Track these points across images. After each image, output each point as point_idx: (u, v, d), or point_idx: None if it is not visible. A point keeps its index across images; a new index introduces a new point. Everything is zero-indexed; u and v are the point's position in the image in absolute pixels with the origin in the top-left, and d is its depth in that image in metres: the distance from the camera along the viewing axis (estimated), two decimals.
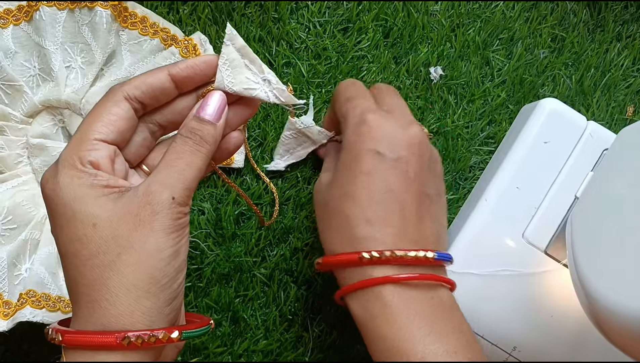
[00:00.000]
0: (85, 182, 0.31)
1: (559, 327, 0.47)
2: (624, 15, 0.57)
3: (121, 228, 0.30)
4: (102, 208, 0.30)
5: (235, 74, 0.35)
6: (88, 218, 0.30)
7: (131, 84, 0.33)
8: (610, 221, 0.38)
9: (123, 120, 0.33)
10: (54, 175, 0.31)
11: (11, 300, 0.45)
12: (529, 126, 0.49)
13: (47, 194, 0.31)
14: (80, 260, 0.30)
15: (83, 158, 0.31)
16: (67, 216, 0.30)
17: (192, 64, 0.34)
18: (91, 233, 0.30)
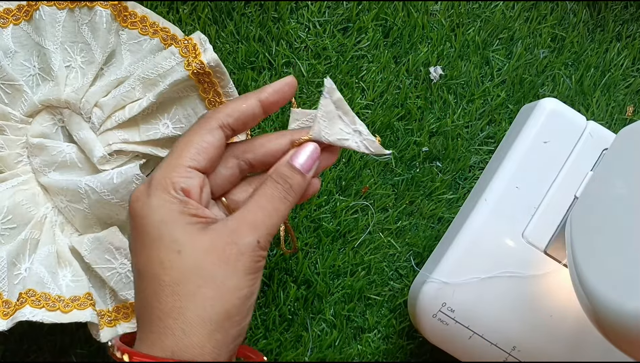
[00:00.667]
0: (176, 208, 0.32)
1: (558, 327, 0.47)
2: (624, 15, 0.57)
3: (206, 260, 0.31)
4: (189, 237, 0.31)
5: (330, 125, 0.36)
6: (174, 244, 0.31)
7: (224, 112, 0.35)
8: (610, 221, 0.38)
9: (215, 148, 0.34)
10: (147, 195, 0.32)
11: (11, 300, 0.45)
12: (529, 125, 0.49)
13: (136, 211, 0.32)
14: (160, 285, 0.31)
15: (176, 184, 0.32)
16: (153, 237, 0.31)
17: (279, 89, 0.36)
18: (175, 260, 0.31)
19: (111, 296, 0.49)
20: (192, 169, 0.33)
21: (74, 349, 0.50)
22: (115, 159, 0.49)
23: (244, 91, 0.53)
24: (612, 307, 0.34)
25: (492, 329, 0.47)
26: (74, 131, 0.49)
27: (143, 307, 0.31)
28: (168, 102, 0.49)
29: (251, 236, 0.32)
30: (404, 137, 0.53)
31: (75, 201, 0.48)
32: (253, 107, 0.35)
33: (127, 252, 0.48)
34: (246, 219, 0.32)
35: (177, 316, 0.30)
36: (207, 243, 0.31)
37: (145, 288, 0.31)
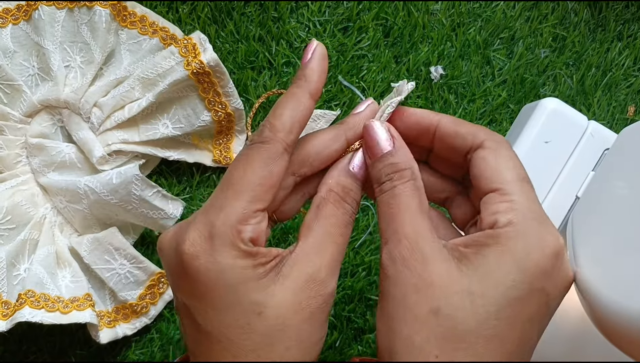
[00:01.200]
0: (249, 264, 0.27)
1: (558, 327, 0.47)
2: (625, 15, 0.56)
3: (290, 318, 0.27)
4: (267, 293, 0.27)
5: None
6: (253, 306, 0.27)
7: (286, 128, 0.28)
8: (612, 221, 0.38)
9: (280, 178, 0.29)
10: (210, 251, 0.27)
11: (10, 300, 0.45)
12: (530, 125, 0.49)
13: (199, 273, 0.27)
14: (242, 349, 0.27)
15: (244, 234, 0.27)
16: (228, 301, 0.27)
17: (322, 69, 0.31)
18: (256, 322, 0.27)
19: (111, 297, 0.49)
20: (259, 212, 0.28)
21: (73, 350, 0.50)
22: (115, 160, 0.49)
23: (244, 91, 0.52)
24: (613, 307, 0.34)
25: None
26: (73, 131, 0.49)
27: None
28: (167, 102, 0.49)
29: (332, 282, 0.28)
30: None
31: (74, 202, 0.48)
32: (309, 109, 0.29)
33: (126, 253, 0.48)
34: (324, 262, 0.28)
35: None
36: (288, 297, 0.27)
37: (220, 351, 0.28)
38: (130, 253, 0.48)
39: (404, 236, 0.27)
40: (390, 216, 0.28)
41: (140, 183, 0.47)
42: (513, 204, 0.28)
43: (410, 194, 0.29)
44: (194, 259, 0.27)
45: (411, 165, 0.29)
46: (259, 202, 0.28)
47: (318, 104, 0.53)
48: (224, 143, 0.52)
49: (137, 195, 0.47)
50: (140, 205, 0.47)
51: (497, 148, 0.30)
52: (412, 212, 0.28)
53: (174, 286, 0.29)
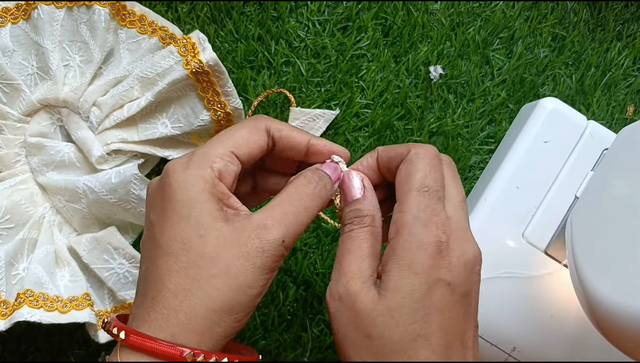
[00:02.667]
0: (208, 189, 0.31)
1: (558, 327, 0.47)
2: (625, 15, 0.56)
3: (225, 251, 0.30)
4: (214, 223, 0.30)
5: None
6: (199, 226, 0.30)
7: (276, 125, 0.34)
8: (611, 221, 0.38)
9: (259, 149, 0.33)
10: (184, 168, 0.31)
11: (9, 300, 0.45)
12: (529, 125, 0.49)
13: (169, 183, 0.31)
14: (176, 263, 0.30)
15: (215, 164, 0.31)
16: (181, 214, 0.30)
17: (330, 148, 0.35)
18: (196, 242, 0.30)
19: (109, 296, 0.49)
20: (233, 156, 0.32)
21: (72, 350, 0.50)
22: (114, 159, 0.49)
23: (243, 90, 0.52)
24: (612, 308, 0.34)
25: (492, 329, 0.47)
26: (72, 131, 0.49)
27: (151, 282, 0.31)
28: (167, 101, 0.49)
29: (277, 233, 0.31)
30: (404, 137, 0.53)
31: (73, 201, 0.48)
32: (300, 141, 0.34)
33: (125, 252, 0.48)
34: (273, 214, 0.31)
35: (184, 299, 0.29)
36: (231, 233, 0.30)
37: (159, 263, 0.30)
38: (129, 253, 0.48)
39: (343, 275, 0.31)
40: (340, 256, 0.32)
41: (139, 182, 0.46)
42: (402, 215, 0.31)
43: (363, 238, 0.32)
44: (170, 173, 0.31)
45: (373, 213, 0.33)
46: (235, 148, 0.32)
47: (317, 103, 0.53)
48: None
49: (136, 194, 0.47)
50: (139, 204, 0.47)
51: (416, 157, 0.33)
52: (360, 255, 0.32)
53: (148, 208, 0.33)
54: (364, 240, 0.32)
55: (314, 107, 0.52)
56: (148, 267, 0.31)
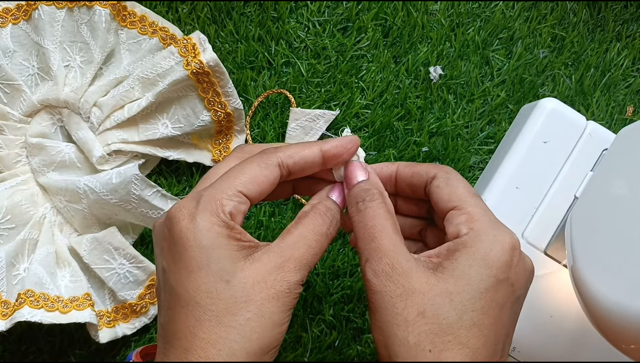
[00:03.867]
0: (224, 232, 0.30)
1: (558, 327, 0.47)
2: (624, 15, 0.57)
3: (255, 294, 0.30)
4: (236, 265, 0.30)
5: None
6: (222, 272, 0.30)
7: (286, 152, 0.34)
8: (610, 221, 0.38)
9: (269, 183, 0.33)
10: (192, 215, 0.30)
11: (9, 300, 0.45)
12: (529, 125, 0.49)
13: (180, 231, 0.30)
14: (206, 313, 0.30)
15: (225, 207, 0.31)
16: (200, 263, 0.30)
17: (342, 144, 0.35)
18: (223, 289, 0.30)
19: (110, 296, 0.49)
20: (242, 195, 0.32)
21: (72, 350, 0.50)
22: (114, 159, 0.49)
23: (244, 91, 0.52)
24: (611, 308, 0.34)
25: None
26: (72, 131, 0.49)
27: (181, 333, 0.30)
28: (167, 102, 0.49)
29: (299, 275, 0.31)
30: (403, 137, 0.53)
31: (74, 201, 0.48)
32: (314, 155, 0.34)
33: (126, 252, 0.48)
34: (295, 256, 0.31)
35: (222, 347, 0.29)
36: (255, 274, 0.30)
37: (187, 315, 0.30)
38: (130, 253, 0.48)
39: (384, 254, 0.31)
40: (369, 236, 0.32)
41: (139, 182, 0.47)
42: (469, 216, 0.33)
43: (384, 216, 0.33)
44: (178, 221, 0.31)
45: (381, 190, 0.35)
46: (244, 187, 0.32)
47: (317, 103, 0.53)
48: (224, 143, 0.52)
49: (136, 195, 0.47)
50: (140, 205, 0.47)
51: (447, 176, 0.35)
52: (388, 232, 0.32)
53: (158, 252, 0.32)
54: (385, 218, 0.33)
55: (314, 108, 0.53)
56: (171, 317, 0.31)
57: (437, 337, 0.30)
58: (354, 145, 0.36)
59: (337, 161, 0.36)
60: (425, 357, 0.29)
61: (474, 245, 0.31)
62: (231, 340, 0.29)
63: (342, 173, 0.36)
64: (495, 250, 0.31)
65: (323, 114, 0.52)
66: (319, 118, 0.52)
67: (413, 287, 0.30)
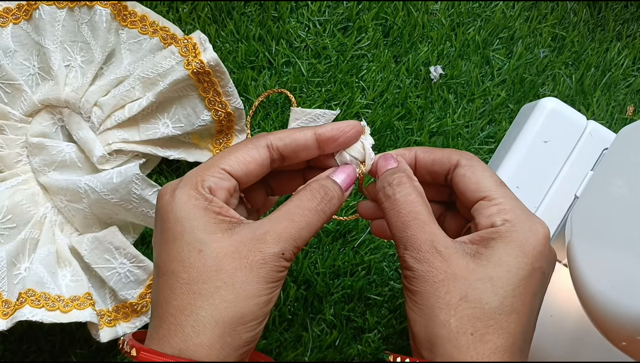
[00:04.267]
0: (200, 204, 0.31)
1: (558, 327, 0.47)
2: (624, 15, 0.57)
3: (227, 263, 0.30)
4: (211, 236, 0.31)
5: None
6: (195, 242, 0.30)
7: (276, 135, 0.34)
8: (610, 220, 0.38)
9: (256, 164, 0.33)
10: (173, 190, 0.32)
11: (10, 299, 0.45)
12: (529, 125, 0.49)
13: (161, 205, 0.32)
14: (178, 281, 0.30)
15: (205, 182, 0.32)
16: (176, 233, 0.31)
17: (338, 127, 0.35)
18: (195, 258, 0.30)
19: (111, 296, 0.49)
20: (224, 172, 0.33)
21: (73, 349, 0.50)
22: (115, 159, 0.49)
23: (244, 90, 0.53)
24: (612, 307, 0.34)
25: None
26: (73, 131, 0.49)
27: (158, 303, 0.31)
28: (168, 101, 0.49)
29: (277, 247, 0.31)
30: (404, 136, 0.53)
31: (74, 201, 0.48)
32: (306, 138, 0.34)
33: (126, 252, 0.48)
34: (274, 228, 0.31)
35: (190, 314, 0.30)
36: (230, 245, 0.31)
37: (162, 284, 0.31)
38: (131, 252, 0.48)
39: (422, 241, 0.32)
40: (404, 223, 0.32)
41: (140, 182, 0.47)
42: (501, 206, 0.33)
43: (417, 201, 0.33)
44: (161, 196, 0.32)
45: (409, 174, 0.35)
46: (226, 165, 0.33)
47: (317, 103, 0.53)
48: (224, 143, 0.52)
49: (137, 194, 0.47)
50: (141, 204, 0.47)
51: (471, 164, 0.35)
52: (425, 217, 0.32)
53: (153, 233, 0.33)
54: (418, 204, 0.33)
55: (315, 108, 0.53)
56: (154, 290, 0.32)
57: (479, 320, 0.30)
58: (351, 128, 0.35)
59: (335, 145, 0.35)
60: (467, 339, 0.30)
61: (510, 235, 0.32)
62: (199, 306, 0.30)
63: (345, 158, 0.36)
64: (531, 239, 0.32)
65: (323, 113, 0.52)
66: (319, 118, 0.52)
67: (454, 272, 0.31)
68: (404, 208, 0.33)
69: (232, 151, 0.33)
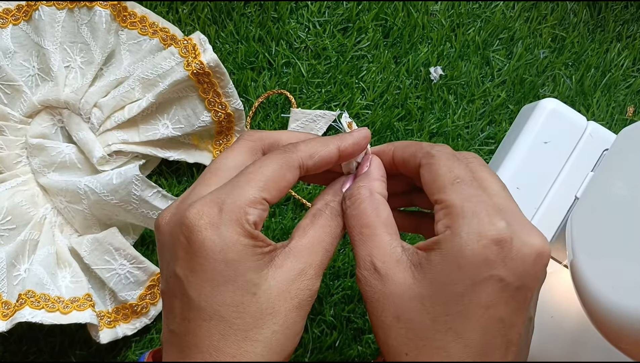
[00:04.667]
0: (250, 243, 0.29)
1: (559, 327, 0.47)
2: (624, 15, 0.57)
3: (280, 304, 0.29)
4: (262, 276, 0.29)
5: None
6: (249, 285, 0.29)
7: (307, 152, 0.32)
8: (611, 221, 0.38)
9: (289, 187, 0.32)
10: (216, 225, 0.29)
11: (10, 301, 0.45)
12: (529, 126, 0.49)
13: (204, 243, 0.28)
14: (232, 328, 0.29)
15: (250, 217, 0.29)
16: (227, 276, 0.29)
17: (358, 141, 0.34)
18: (249, 302, 0.29)
19: (111, 297, 0.49)
20: (265, 202, 0.30)
21: (73, 350, 0.50)
22: (115, 160, 0.49)
23: (244, 91, 0.52)
24: (612, 308, 0.34)
25: None
26: (73, 132, 0.49)
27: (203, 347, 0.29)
28: (167, 102, 0.49)
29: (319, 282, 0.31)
30: (404, 137, 0.53)
31: (74, 202, 0.48)
32: (332, 156, 0.33)
33: (126, 253, 0.48)
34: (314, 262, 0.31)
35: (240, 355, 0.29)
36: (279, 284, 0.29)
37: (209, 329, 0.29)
38: (130, 254, 0.48)
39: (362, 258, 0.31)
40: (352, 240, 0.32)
41: (140, 183, 0.47)
42: (448, 209, 0.30)
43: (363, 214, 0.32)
44: (200, 230, 0.28)
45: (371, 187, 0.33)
46: (267, 192, 0.30)
47: (317, 104, 0.53)
48: (224, 144, 0.52)
49: (137, 195, 0.47)
50: (141, 205, 0.47)
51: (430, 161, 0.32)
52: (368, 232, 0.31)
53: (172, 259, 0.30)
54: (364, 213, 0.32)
55: (315, 108, 0.53)
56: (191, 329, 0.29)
57: (412, 341, 0.29)
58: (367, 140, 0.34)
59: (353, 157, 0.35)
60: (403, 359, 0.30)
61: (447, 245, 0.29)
62: (257, 353, 0.29)
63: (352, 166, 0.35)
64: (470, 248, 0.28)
65: (323, 114, 0.52)
66: (319, 119, 0.52)
67: (390, 291, 0.30)
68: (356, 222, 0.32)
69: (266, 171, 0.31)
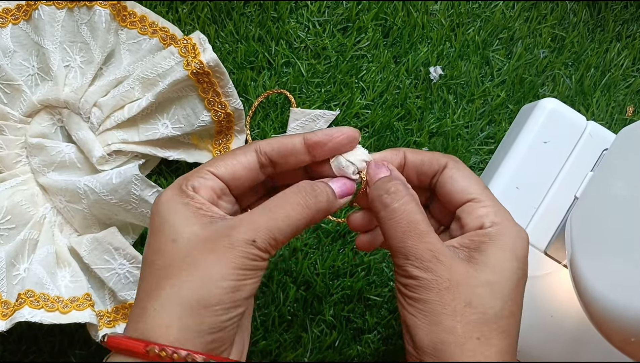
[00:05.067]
0: (181, 200, 0.32)
1: (558, 327, 0.47)
2: (624, 15, 0.57)
3: (196, 249, 0.31)
4: (187, 228, 0.32)
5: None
6: (171, 233, 0.32)
7: (265, 141, 0.35)
8: (610, 221, 0.38)
9: (243, 167, 0.34)
10: (166, 193, 0.33)
11: (9, 300, 0.45)
12: (529, 125, 0.49)
13: (153, 209, 0.33)
14: (152, 269, 0.32)
15: (188, 182, 0.33)
16: (157, 227, 0.32)
17: (327, 132, 0.35)
18: (169, 247, 0.31)
19: (110, 297, 0.49)
20: (209, 173, 0.34)
21: (72, 350, 0.50)
22: (115, 160, 0.49)
23: (244, 91, 0.52)
24: (611, 308, 0.34)
25: None
26: (73, 131, 0.49)
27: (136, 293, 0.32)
28: (167, 102, 0.49)
29: (247, 234, 0.31)
30: (404, 137, 0.53)
31: (74, 202, 0.48)
32: (294, 142, 0.35)
33: (126, 253, 0.48)
34: (247, 218, 0.32)
35: (153, 296, 0.30)
36: (202, 235, 0.31)
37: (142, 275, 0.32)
38: (130, 253, 0.48)
39: (424, 251, 0.32)
40: (405, 234, 0.33)
41: (139, 182, 0.47)
42: (489, 209, 0.34)
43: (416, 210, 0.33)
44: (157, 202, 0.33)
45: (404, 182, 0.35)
46: (212, 167, 0.34)
47: (317, 103, 0.53)
48: (224, 143, 0.52)
49: (136, 195, 0.47)
50: (140, 205, 0.47)
51: (458, 166, 0.36)
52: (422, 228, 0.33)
53: None
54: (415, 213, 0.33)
55: (314, 108, 0.53)
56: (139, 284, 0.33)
57: (484, 325, 0.31)
58: (341, 134, 0.35)
59: (324, 150, 0.35)
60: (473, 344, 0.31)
61: (501, 239, 0.33)
62: (162, 289, 0.30)
63: (340, 164, 0.35)
64: (520, 244, 0.33)
65: (323, 114, 0.52)
66: (319, 118, 0.52)
67: (457, 279, 0.32)
68: (403, 218, 0.33)
69: (221, 155, 0.35)
